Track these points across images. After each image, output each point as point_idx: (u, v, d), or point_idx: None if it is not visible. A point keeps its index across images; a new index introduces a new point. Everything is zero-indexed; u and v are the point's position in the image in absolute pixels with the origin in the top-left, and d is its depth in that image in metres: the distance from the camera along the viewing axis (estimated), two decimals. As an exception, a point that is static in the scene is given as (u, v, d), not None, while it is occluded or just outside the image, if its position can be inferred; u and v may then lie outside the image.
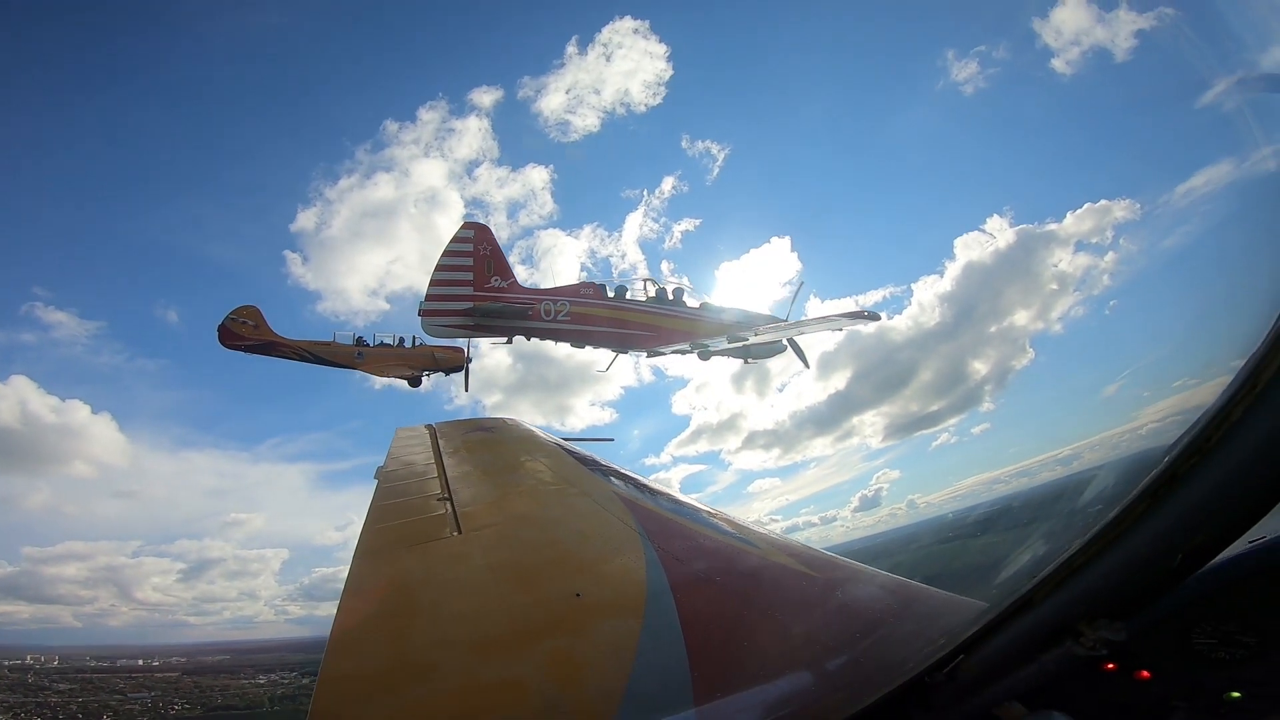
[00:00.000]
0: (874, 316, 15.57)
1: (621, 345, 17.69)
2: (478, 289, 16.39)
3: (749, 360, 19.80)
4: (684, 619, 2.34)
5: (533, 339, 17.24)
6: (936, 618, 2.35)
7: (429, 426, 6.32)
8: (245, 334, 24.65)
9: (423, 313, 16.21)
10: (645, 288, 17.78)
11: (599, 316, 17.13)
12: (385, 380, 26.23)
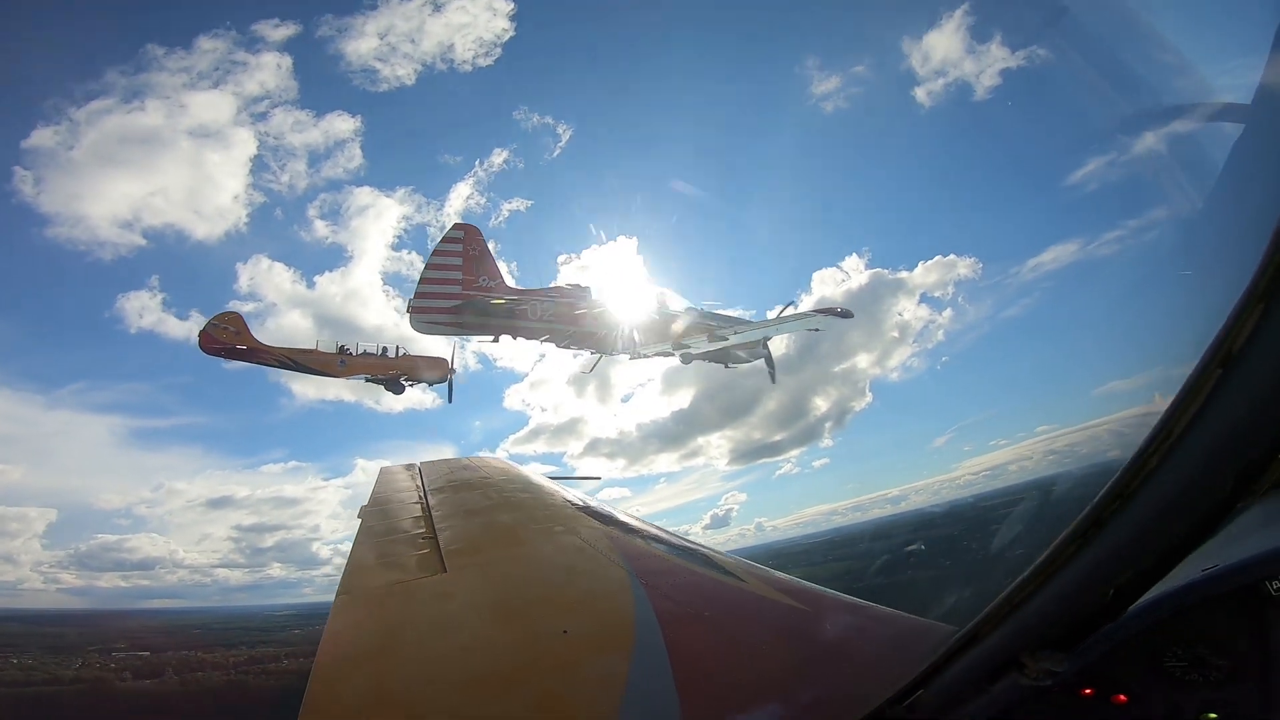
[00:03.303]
0: (847, 314, 16.17)
1: (605, 346, 18.19)
2: (466, 288, 16.79)
3: (730, 365, 20.41)
4: (672, 653, 2.33)
5: (519, 338, 17.63)
6: (902, 646, 2.36)
7: (413, 465, 6.47)
8: (227, 340, 24.36)
9: (412, 310, 16.52)
10: (629, 291, 18.42)
11: (585, 317, 17.63)
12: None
